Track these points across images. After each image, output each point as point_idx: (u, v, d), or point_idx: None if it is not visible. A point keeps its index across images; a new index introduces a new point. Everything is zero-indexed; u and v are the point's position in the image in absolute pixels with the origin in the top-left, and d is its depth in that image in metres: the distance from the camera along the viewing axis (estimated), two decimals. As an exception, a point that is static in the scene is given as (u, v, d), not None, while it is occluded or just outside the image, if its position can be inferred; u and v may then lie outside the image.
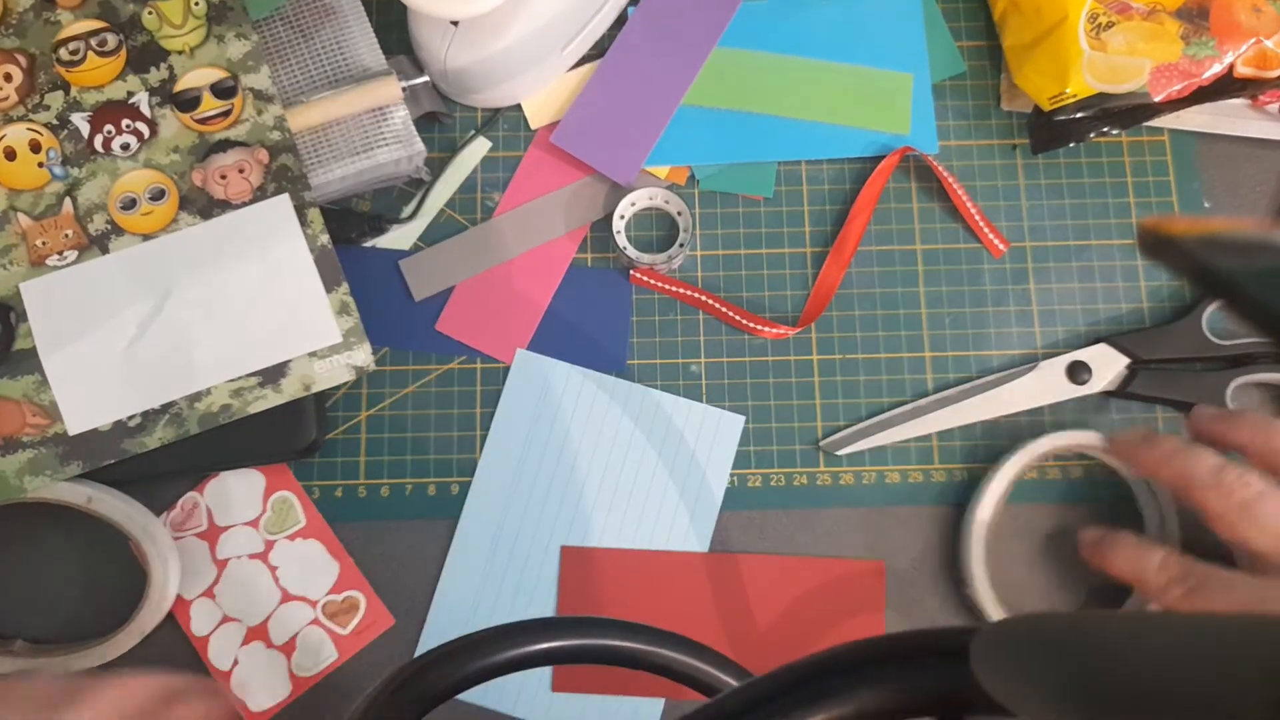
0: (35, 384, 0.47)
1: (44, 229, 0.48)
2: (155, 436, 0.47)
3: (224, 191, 0.49)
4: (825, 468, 0.50)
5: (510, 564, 0.49)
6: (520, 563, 0.49)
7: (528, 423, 0.50)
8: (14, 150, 0.49)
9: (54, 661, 0.47)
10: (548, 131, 0.54)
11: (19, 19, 0.50)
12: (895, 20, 0.55)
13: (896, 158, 0.53)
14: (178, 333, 0.48)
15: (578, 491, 0.50)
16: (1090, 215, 0.53)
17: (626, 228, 0.53)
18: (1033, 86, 0.51)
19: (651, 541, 0.49)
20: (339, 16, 0.52)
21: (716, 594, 0.49)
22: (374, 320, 0.51)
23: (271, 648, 0.49)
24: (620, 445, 0.50)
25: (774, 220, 0.53)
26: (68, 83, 0.50)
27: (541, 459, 0.50)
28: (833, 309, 0.52)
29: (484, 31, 0.49)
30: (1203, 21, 0.49)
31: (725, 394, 0.51)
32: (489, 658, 0.31)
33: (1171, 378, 0.50)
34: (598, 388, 0.51)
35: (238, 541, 0.50)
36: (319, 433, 0.49)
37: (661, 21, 0.54)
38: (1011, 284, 0.52)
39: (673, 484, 0.50)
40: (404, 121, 0.51)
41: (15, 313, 0.48)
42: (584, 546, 0.49)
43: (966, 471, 0.50)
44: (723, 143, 0.53)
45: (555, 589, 0.49)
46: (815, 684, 0.21)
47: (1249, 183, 0.53)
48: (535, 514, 0.50)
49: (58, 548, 0.50)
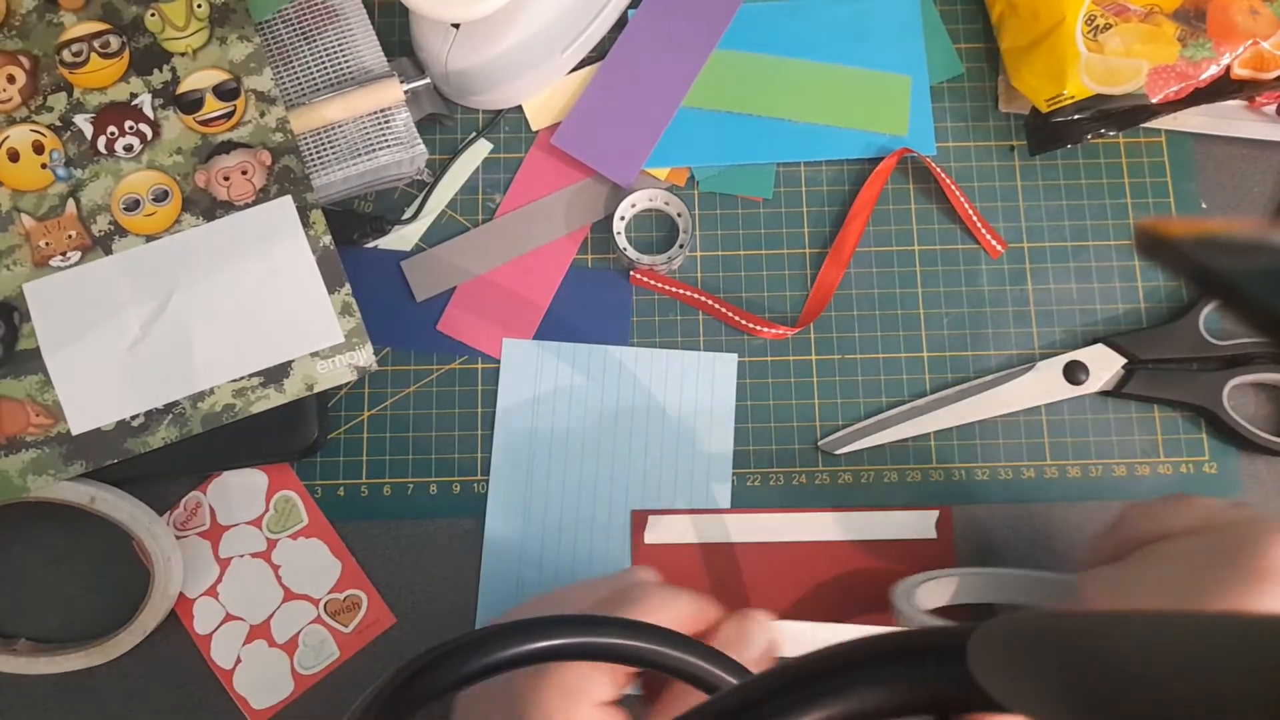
0: (39, 384, 0.48)
1: (47, 230, 0.49)
2: (158, 436, 0.48)
3: (227, 193, 0.49)
4: (824, 467, 0.51)
5: (548, 542, 0.50)
6: (555, 537, 0.50)
7: (529, 405, 0.51)
8: (17, 151, 0.49)
9: (56, 660, 0.48)
10: (548, 133, 0.54)
11: (22, 21, 0.50)
12: (894, 23, 0.55)
13: (895, 159, 0.53)
14: (181, 333, 0.48)
15: (594, 459, 0.50)
16: (1088, 216, 0.53)
17: (627, 229, 0.53)
18: (1030, 88, 0.51)
19: (675, 499, 0.50)
20: (341, 19, 0.52)
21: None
22: (376, 321, 0.51)
23: (274, 646, 0.49)
24: (624, 408, 0.51)
25: (773, 221, 0.53)
26: (71, 84, 0.50)
27: (551, 437, 0.51)
28: (831, 309, 0.52)
29: (485, 34, 0.49)
30: (1200, 23, 0.49)
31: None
32: (489, 656, 0.31)
33: (1168, 378, 0.50)
34: (589, 358, 0.51)
35: (240, 540, 0.50)
36: (321, 432, 0.50)
37: (661, 24, 0.54)
38: (1009, 284, 0.52)
39: (683, 437, 0.51)
40: (406, 123, 0.51)
41: (19, 313, 0.48)
42: (648, 510, 0.50)
43: (964, 471, 0.51)
44: (722, 144, 0.53)
45: (607, 554, 0.50)
46: (814, 682, 0.21)
47: (1246, 183, 0.53)
48: (559, 491, 0.50)
49: (61, 547, 0.50)
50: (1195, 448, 0.51)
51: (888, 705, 0.21)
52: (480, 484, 0.51)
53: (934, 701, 0.20)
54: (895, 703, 0.21)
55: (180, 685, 0.49)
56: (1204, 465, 0.50)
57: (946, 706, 0.20)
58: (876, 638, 0.21)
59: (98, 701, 0.49)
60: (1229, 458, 0.50)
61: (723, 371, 0.51)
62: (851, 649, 0.21)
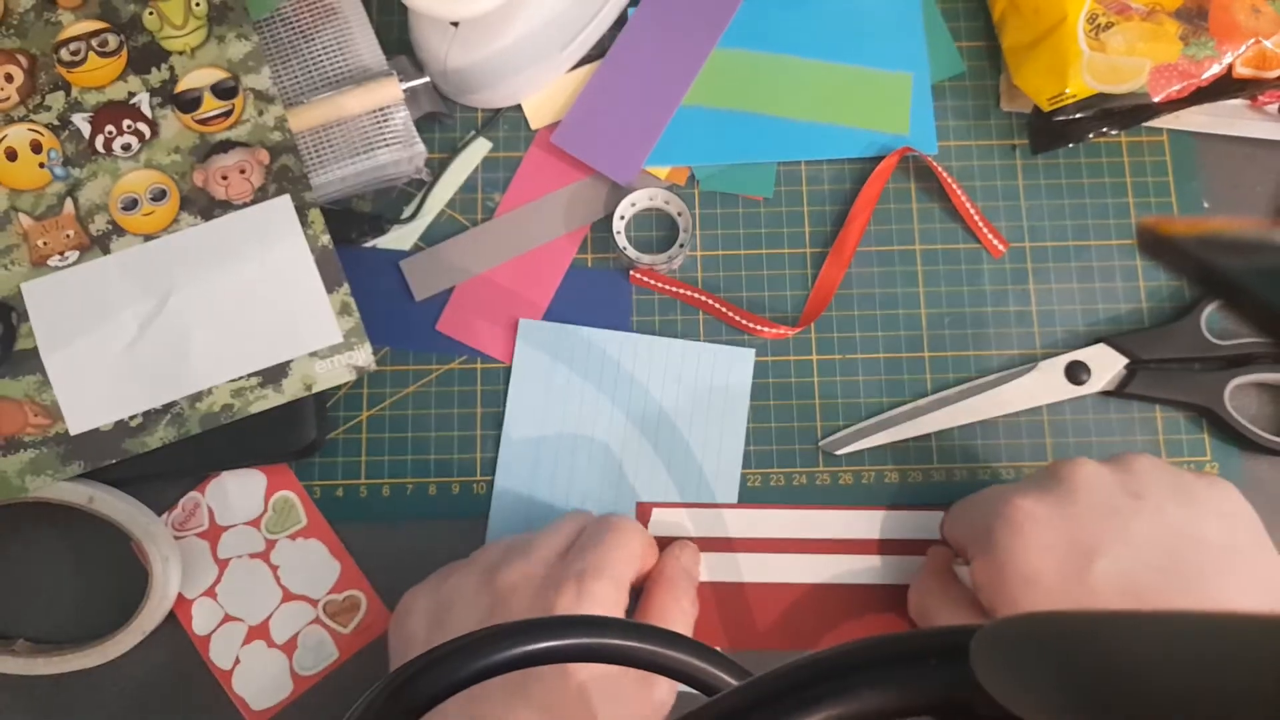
0: (37, 384, 0.47)
1: (45, 229, 0.49)
2: (156, 436, 0.47)
3: (225, 192, 0.49)
4: (824, 467, 0.51)
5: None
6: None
7: (542, 390, 0.51)
8: (15, 151, 0.49)
9: (54, 661, 0.48)
10: (548, 132, 0.54)
11: (20, 19, 0.50)
12: (895, 21, 0.55)
13: (896, 158, 0.53)
14: (179, 333, 0.48)
15: (603, 450, 0.50)
16: (1089, 215, 0.53)
17: (627, 228, 0.53)
18: (1032, 87, 0.51)
19: (682, 493, 0.50)
20: (339, 17, 0.52)
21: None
22: (375, 320, 0.51)
23: (272, 647, 0.49)
24: (637, 397, 0.51)
25: (774, 220, 0.53)
26: (69, 83, 0.50)
27: (562, 421, 0.51)
28: (832, 309, 0.52)
29: (484, 32, 0.49)
30: (1202, 22, 0.49)
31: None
32: (488, 658, 0.31)
33: (1170, 378, 0.50)
34: (605, 344, 0.51)
35: (239, 541, 0.50)
36: (320, 433, 0.50)
37: (661, 22, 0.54)
38: (1011, 284, 0.52)
39: (695, 431, 0.50)
40: (404, 122, 0.51)
41: (16, 313, 0.48)
42: (653, 502, 0.50)
43: (966, 472, 0.50)
44: (723, 143, 0.53)
45: None
46: (815, 684, 0.21)
47: (1248, 183, 0.53)
48: (565, 480, 0.50)
49: (59, 547, 0.50)
50: (1197, 448, 0.50)
51: (890, 707, 0.20)
52: (480, 484, 0.50)
53: (936, 703, 0.20)
54: (898, 704, 0.20)
55: (179, 686, 0.49)
56: (1205, 465, 0.50)
57: (949, 708, 0.20)
58: (880, 639, 0.21)
59: (96, 702, 0.49)
60: (1231, 458, 0.50)
61: (739, 366, 0.51)
62: (854, 650, 0.21)
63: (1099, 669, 0.17)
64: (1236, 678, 0.15)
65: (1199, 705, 0.15)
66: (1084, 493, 0.40)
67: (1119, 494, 0.40)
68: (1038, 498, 0.41)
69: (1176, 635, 0.17)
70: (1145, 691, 0.16)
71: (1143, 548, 0.38)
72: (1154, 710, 0.16)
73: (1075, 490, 0.41)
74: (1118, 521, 0.39)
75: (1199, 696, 0.15)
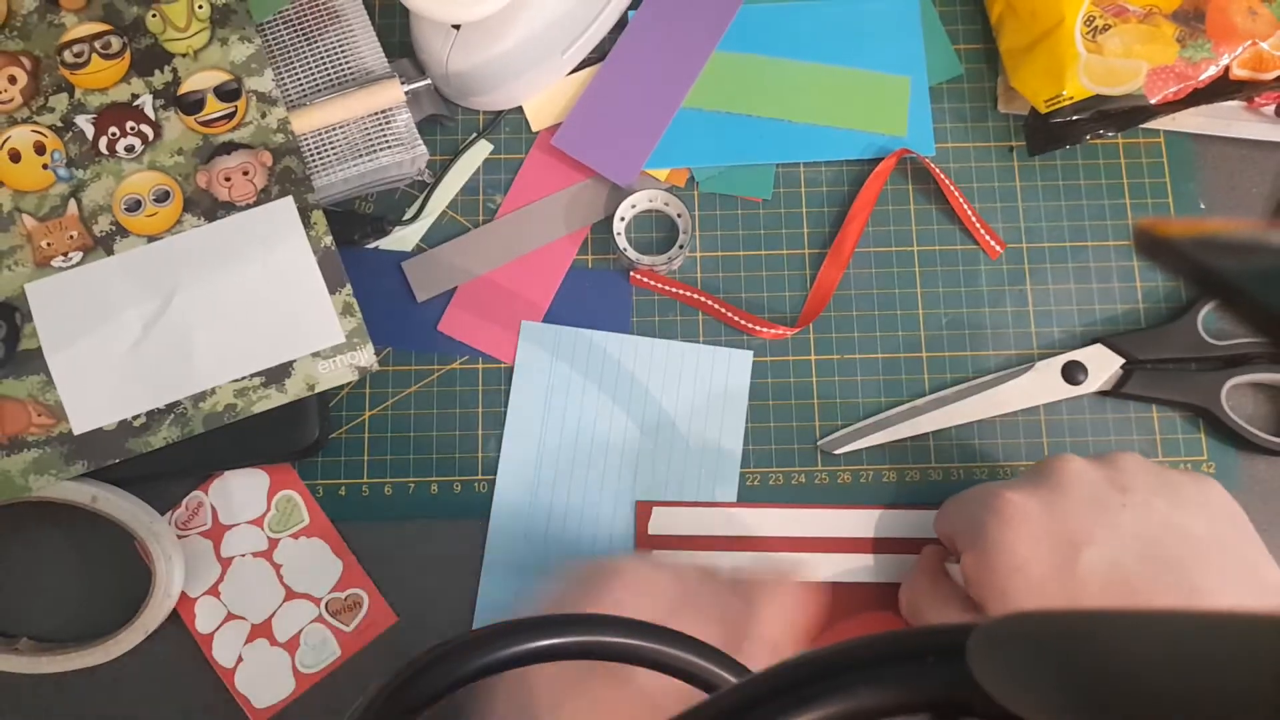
0: (40, 384, 0.48)
1: (49, 230, 0.49)
2: (160, 436, 0.48)
3: (228, 193, 0.49)
4: (823, 467, 0.51)
5: (553, 529, 0.50)
6: (560, 525, 0.50)
7: (543, 390, 0.51)
8: (19, 152, 0.49)
9: (57, 660, 0.48)
10: (549, 134, 0.54)
11: (23, 21, 0.51)
12: (893, 23, 0.55)
13: (894, 160, 0.53)
14: (182, 333, 0.48)
15: (603, 449, 0.51)
16: (1086, 217, 0.53)
17: (627, 229, 0.53)
18: (1029, 89, 0.51)
19: (681, 492, 0.50)
20: (342, 19, 0.52)
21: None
22: (377, 321, 0.51)
23: (275, 645, 0.49)
24: (637, 398, 0.51)
25: (773, 222, 0.53)
26: (72, 85, 0.50)
27: (563, 421, 0.51)
28: (831, 310, 0.52)
29: (485, 35, 0.50)
30: (1199, 24, 0.49)
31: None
32: (487, 656, 0.31)
33: (1167, 378, 0.50)
34: (606, 345, 0.52)
35: (242, 540, 0.50)
36: (322, 432, 0.50)
37: (662, 25, 0.54)
38: (1008, 285, 0.53)
39: (694, 431, 0.51)
40: (406, 124, 0.51)
41: (20, 313, 0.48)
42: (653, 501, 0.50)
43: (963, 471, 0.51)
44: (722, 145, 0.54)
45: (610, 544, 0.50)
46: (813, 681, 0.21)
47: (1245, 184, 0.54)
48: (565, 479, 0.50)
49: (62, 547, 0.51)
50: (1194, 448, 0.51)
51: (887, 705, 0.21)
52: (481, 484, 0.51)
53: (934, 701, 0.20)
54: (895, 703, 0.21)
55: (182, 684, 0.49)
56: (1202, 465, 0.50)
57: (947, 707, 0.20)
58: (877, 638, 0.21)
59: (100, 701, 0.49)
60: (1227, 458, 0.51)
61: (737, 367, 0.51)
62: (851, 649, 0.21)
63: (1098, 668, 0.17)
64: (1236, 678, 0.15)
65: (1198, 705, 0.15)
66: (1072, 487, 0.41)
67: (1106, 489, 0.41)
68: (1027, 492, 0.41)
69: (1176, 635, 0.17)
70: (1144, 691, 0.16)
71: (1129, 540, 0.39)
72: (1153, 710, 0.16)
73: (1063, 485, 0.41)
74: (1105, 515, 0.40)
75: (1198, 696, 0.15)
